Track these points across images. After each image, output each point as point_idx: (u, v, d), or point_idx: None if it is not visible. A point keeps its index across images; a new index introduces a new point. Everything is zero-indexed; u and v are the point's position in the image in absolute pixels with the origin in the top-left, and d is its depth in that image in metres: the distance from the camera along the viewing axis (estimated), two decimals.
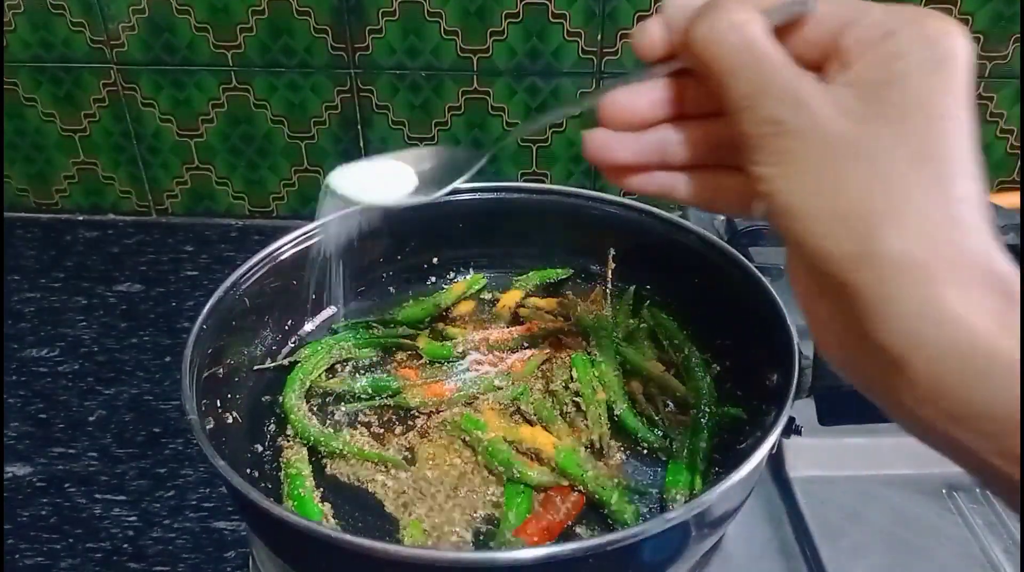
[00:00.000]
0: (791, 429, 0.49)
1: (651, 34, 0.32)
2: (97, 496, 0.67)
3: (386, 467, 0.53)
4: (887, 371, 0.26)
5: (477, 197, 0.68)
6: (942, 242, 0.25)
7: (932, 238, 0.25)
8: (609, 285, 0.66)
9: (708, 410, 0.55)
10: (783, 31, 0.29)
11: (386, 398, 0.58)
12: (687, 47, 0.30)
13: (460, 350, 0.62)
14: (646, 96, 0.33)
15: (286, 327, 0.63)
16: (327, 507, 0.51)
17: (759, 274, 0.56)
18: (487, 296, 0.70)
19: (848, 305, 0.26)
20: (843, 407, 0.49)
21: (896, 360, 0.25)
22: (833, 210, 0.26)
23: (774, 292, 0.54)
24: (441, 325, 0.66)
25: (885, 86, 0.26)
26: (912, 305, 0.25)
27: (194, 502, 0.66)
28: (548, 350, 0.63)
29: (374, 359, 0.63)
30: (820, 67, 0.28)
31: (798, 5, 0.28)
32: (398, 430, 0.57)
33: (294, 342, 0.64)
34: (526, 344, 0.63)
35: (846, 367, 0.29)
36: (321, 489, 0.52)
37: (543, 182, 0.98)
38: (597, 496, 0.50)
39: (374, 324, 0.65)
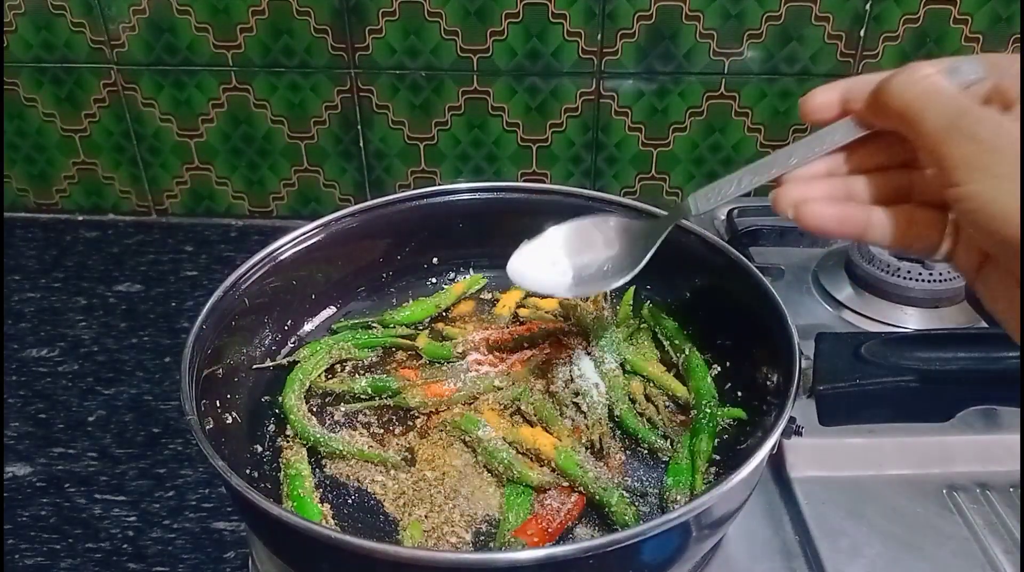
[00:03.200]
0: (792, 430, 0.49)
1: (823, 97, 0.37)
2: (97, 496, 0.67)
3: (386, 468, 0.53)
4: None
5: (477, 197, 0.68)
6: None
7: None
8: None
9: (708, 411, 0.55)
10: None
11: (386, 398, 0.58)
12: (878, 102, 0.35)
13: (460, 350, 0.62)
14: (824, 165, 0.38)
15: (286, 327, 0.63)
16: (327, 507, 0.51)
17: (760, 274, 0.56)
18: (487, 296, 0.70)
19: None
20: (843, 407, 0.49)
21: None
22: None
23: (775, 292, 0.54)
24: (441, 325, 0.66)
25: None
26: None
27: (194, 502, 0.66)
28: (548, 350, 0.63)
29: (374, 359, 0.63)
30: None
31: (972, 74, 0.34)
32: (398, 431, 0.57)
33: (294, 342, 0.64)
34: (526, 344, 0.63)
35: None
36: (321, 489, 0.52)
37: (543, 182, 0.98)
38: (597, 497, 0.50)
39: (374, 324, 0.65)
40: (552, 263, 0.47)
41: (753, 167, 0.38)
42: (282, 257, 0.61)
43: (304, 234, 0.62)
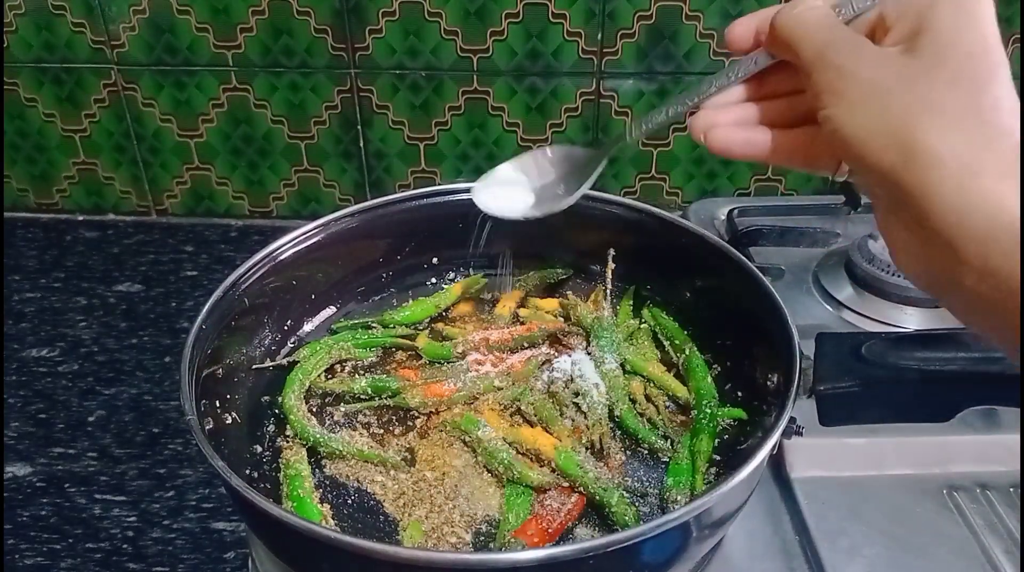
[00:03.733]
0: (792, 430, 0.49)
1: (742, 28, 0.39)
2: (97, 496, 0.67)
3: (386, 468, 0.53)
4: (947, 260, 0.30)
5: None
6: (976, 140, 0.29)
7: (966, 136, 0.29)
8: (609, 285, 0.66)
9: (709, 411, 0.55)
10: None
11: (386, 398, 0.58)
12: (771, 33, 0.37)
13: (460, 350, 0.62)
14: (738, 93, 0.41)
15: (285, 327, 0.63)
16: (327, 508, 0.51)
17: (759, 274, 0.56)
18: (487, 296, 0.70)
19: (907, 207, 0.31)
20: (843, 407, 0.49)
21: (951, 245, 0.30)
22: (882, 127, 0.31)
23: (774, 292, 0.54)
24: (441, 325, 0.66)
25: (920, 34, 0.32)
26: (954, 192, 0.29)
27: (194, 502, 0.66)
28: (548, 350, 0.63)
29: (374, 359, 0.63)
30: (871, 38, 0.35)
31: (864, 2, 0.35)
32: (398, 431, 0.57)
33: (293, 342, 0.64)
34: (526, 344, 0.63)
35: (918, 273, 0.33)
36: (321, 490, 0.52)
37: None
38: (598, 497, 0.50)
39: (374, 324, 0.65)
40: (512, 190, 0.51)
41: (678, 97, 0.42)
42: (282, 257, 0.61)
43: (304, 234, 0.62)
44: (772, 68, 0.39)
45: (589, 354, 0.61)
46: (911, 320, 0.71)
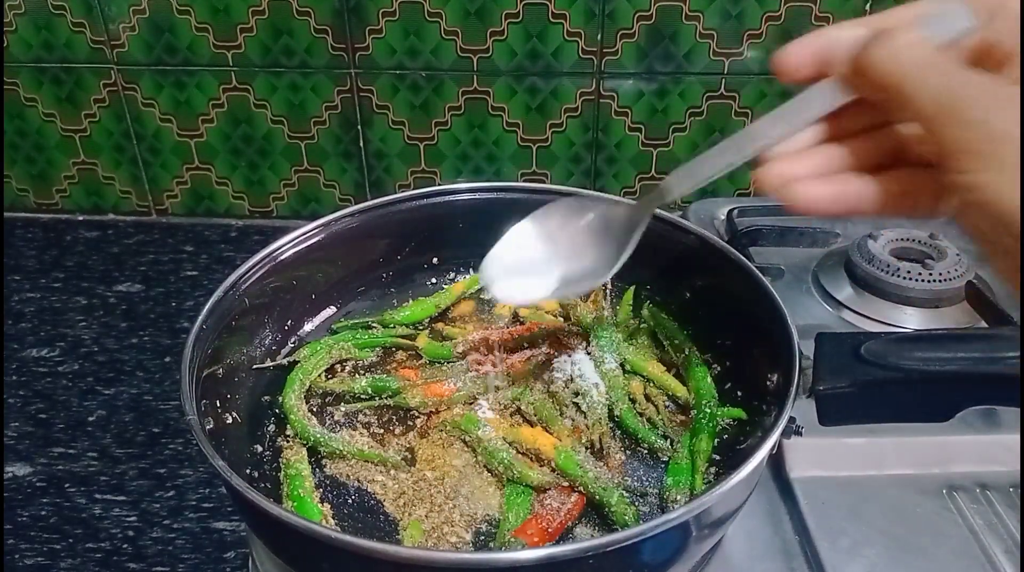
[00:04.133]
0: (791, 429, 0.49)
1: (799, 54, 0.33)
2: (97, 496, 0.67)
3: (386, 467, 0.53)
4: None
5: (477, 197, 0.68)
6: None
7: None
8: (609, 285, 0.66)
9: (708, 411, 0.55)
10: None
11: (386, 398, 0.58)
12: (863, 72, 0.31)
13: (460, 350, 0.62)
14: (809, 135, 0.34)
15: (286, 327, 0.63)
16: (327, 507, 0.51)
17: (759, 274, 0.56)
18: (487, 296, 0.70)
19: None
20: (843, 407, 0.49)
21: None
22: None
23: (774, 292, 0.54)
24: (441, 325, 0.66)
25: None
26: None
27: (194, 502, 0.66)
28: (548, 350, 0.63)
29: (374, 359, 0.63)
30: (974, 64, 0.30)
31: (960, 24, 0.30)
32: (398, 431, 0.57)
33: (294, 342, 0.64)
34: (526, 344, 0.63)
35: None
36: (321, 489, 0.52)
37: (543, 182, 0.98)
38: (597, 497, 0.50)
39: (374, 324, 0.65)
40: (532, 273, 0.45)
41: (733, 142, 0.34)
42: (282, 257, 0.61)
43: (304, 234, 0.62)
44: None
45: (589, 354, 0.61)
46: (911, 320, 0.71)
